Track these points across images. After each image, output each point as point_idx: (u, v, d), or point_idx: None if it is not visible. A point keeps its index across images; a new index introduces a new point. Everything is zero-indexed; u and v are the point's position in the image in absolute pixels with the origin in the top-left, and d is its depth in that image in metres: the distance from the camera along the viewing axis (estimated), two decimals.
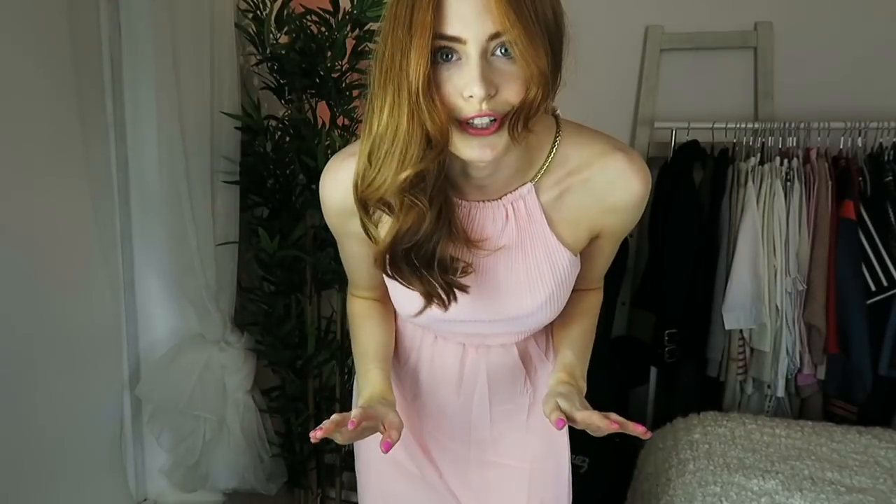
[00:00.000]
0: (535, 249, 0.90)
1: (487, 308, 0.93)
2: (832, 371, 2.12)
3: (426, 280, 0.84)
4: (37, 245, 1.45)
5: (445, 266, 0.84)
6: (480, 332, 0.99)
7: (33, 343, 1.45)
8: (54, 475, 1.52)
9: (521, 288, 0.91)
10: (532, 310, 0.92)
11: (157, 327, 1.79)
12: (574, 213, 0.89)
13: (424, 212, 0.79)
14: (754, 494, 1.54)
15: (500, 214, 0.88)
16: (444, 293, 0.86)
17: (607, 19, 2.51)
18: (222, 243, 1.73)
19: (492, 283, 0.91)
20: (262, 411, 1.87)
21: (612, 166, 0.87)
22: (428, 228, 0.80)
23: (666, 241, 2.24)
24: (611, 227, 0.93)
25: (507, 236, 0.89)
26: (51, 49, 1.46)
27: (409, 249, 0.82)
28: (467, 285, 0.87)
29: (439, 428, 1.09)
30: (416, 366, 1.08)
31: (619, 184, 0.87)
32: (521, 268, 0.90)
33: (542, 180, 0.88)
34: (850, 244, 2.06)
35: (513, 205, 0.88)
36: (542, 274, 0.90)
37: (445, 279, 0.84)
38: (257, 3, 1.81)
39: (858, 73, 2.35)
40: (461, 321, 0.95)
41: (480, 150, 0.75)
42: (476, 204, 0.88)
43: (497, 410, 1.08)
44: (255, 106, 1.80)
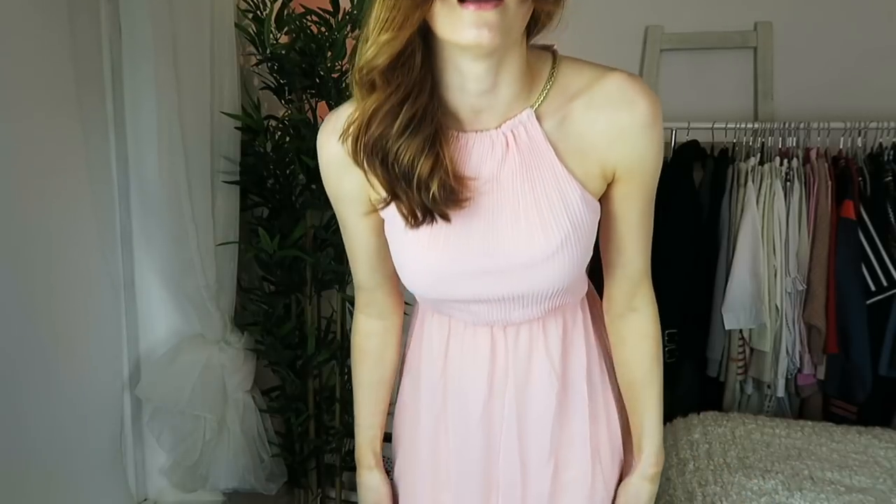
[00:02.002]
0: (544, 181, 0.81)
1: (495, 243, 0.83)
2: (832, 371, 2.12)
3: (402, 191, 0.79)
4: (37, 245, 1.45)
5: (423, 186, 0.77)
6: (496, 293, 0.87)
7: (33, 343, 1.45)
8: (54, 475, 1.52)
9: (531, 225, 0.82)
10: (547, 253, 0.82)
11: (157, 327, 1.79)
12: (580, 141, 0.82)
13: (399, 94, 0.74)
14: (754, 494, 1.54)
15: (499, 143, 0.81)
16: (420, 212, 0.80)
17: (607, 19, 2.51)
18: (222, 243, 1.73)
19: (498, 221, 0.83)
20: (262, 411, 1.87)
21: (613, 84, 0.82)
22: (401, 123, 0.75)
23: (666, 242, 2.24)
24: (625, 163, 0.84)
25: (510, 167, 0.81)
26: (51, 49, 1.46)
27: (381, 145, 0.77)
28: (447, 212, 0.80)
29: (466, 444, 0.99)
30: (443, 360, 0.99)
31: (622, 104, 0.81)
32: (529, 201, 0.82)
33: (542, 106, 0.81)
34: (850, 244, 2.06)
35: (513, 132, 0.81)
36: (554, 208, 0.81)
37: (423, 199, 0.78)
38: (257, 3, 1.81)
39: (858, 73, 2.35)
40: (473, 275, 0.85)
41: (477, 29, 0.67)
42: (473, 134, 0.82)
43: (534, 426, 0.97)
44: (255, 106, 1.80)
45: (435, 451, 1.02)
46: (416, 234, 0.84)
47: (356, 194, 0.88)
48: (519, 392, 0.95)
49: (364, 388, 1.07)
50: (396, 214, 0.84)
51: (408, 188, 0.78)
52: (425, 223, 0.81)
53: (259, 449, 1.85)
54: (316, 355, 1.93)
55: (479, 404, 0.96)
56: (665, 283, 2.21)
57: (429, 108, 0.76)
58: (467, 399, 0.97)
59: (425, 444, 1.03)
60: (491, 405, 0.96)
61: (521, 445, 0.97)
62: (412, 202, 0.79)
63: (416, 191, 0.78)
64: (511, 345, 0.94)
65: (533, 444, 0.97)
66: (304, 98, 1.89)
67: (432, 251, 0.85)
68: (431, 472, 1.03)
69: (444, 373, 0.98)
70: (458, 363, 0.97)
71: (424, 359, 1.01)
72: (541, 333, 0.94)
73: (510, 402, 0.95)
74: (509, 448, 0.97)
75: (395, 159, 0.76)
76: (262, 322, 1.91)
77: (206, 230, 1.68)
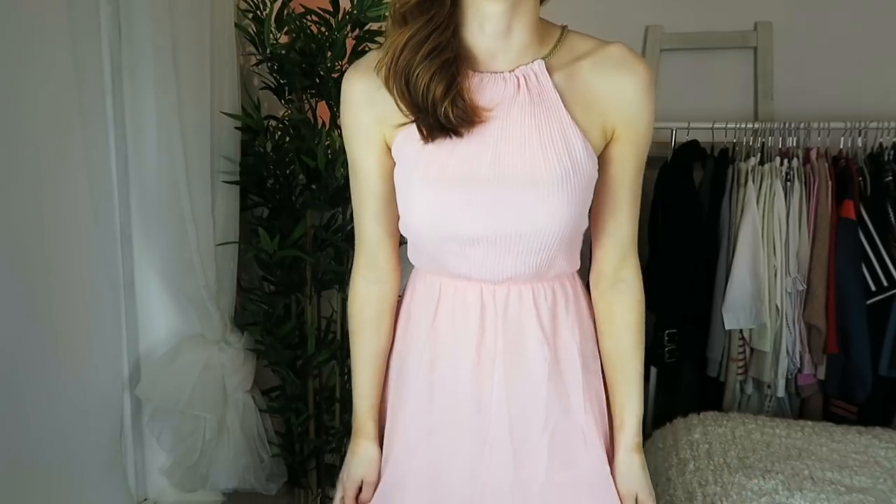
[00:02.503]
0: (549, 122, 0.90)
1: (500, 166, 0.90)
2: (832, 371, 2.13)
3: (422, 109, 0.88)
4: (36, 245, 1.45)
5: (438, 104, 0.87)
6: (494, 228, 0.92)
7: (33, 343, 1.45)
8: (54, 475, 1.52)
9: (535, 156, 0.90)
10: (546, 184, 0.89)
11: (157, 327, 1.79)
12: (585, 95, 0.92)
13: (428, 28, 0.86)
14: (754, 494, 1.54)
15: (511, 83, 0.91)
16: (435, 128, 0.89)
17: (607, 19, 2.51)
18: (222, 243, 1.73)
19: (503, 140, 0.91)
20: (262, 411, 1.87)
21: (618, 50, 0.93)
22: (432, 43, 0.86)
23: (666, 241, 2.24)
24: (623, 120, 0.93)
25: (519, 104, 0.91)
26: (51, 49, 1.46)
27: (407, 68, 0.87)
28: (458, 130, 0.89)
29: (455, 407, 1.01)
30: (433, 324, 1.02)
31: (625, 66, 0.92)
32: (534, 136, 0.90)
33: (552, 59, 0.93)
34: (850, 244, 2.06)
35: (524, 76, 0.91)
36: (556, 146, 0.90)
37: (437, 115, 0.88)
38: (257, 3, 1.81)
39: (858, 73, 2.36)
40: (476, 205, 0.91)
41: None
42: (489, 74, 0.92)
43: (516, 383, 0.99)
44: (255, 106, 1.80)
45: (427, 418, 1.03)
46: (427, 167, 0.91)
47: (369, 131, 0.96)
48: (509, 357, 0.97)
49: (363, 358, 1.09)
50: (408, 153, 0.93)
51: (425, 106, 0.88)
52: (438, 139, 0.90)
53: (259, 449, 1.85)
54: (316, 355, 1.93)
55: (468, 370, 0.98)
56: (665, 283, 2.23)
57: (451, 42, 0.88)
58: (456, 363, 0.99)
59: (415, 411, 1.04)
60: (480, 370, 0.98)
61: (511, 411, 0.98)
62: (428, 119, 0.89)
63: (432, 107, 0.87)
64: (501, 308, 0.97)
65: (525, 411, 0.98)
66: (304, 98, 1.89)
67: (440, 181, 0.91)
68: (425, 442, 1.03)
69: (432, 338, 1.01)
70: (448, 326, 1.00)
71: (412, 328, 1.04)
72: (530, 300, 0.97)
73: (500, 368, 0.98)
74: (499, 414, 0.98)
75: (416, 81, 0.87)
76: (262, 322, 1.91)
77: (206, 230, 1.68)
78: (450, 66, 0.88)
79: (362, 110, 0.96)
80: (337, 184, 1.78)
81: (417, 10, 0.86)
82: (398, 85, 0.89)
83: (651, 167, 2.48)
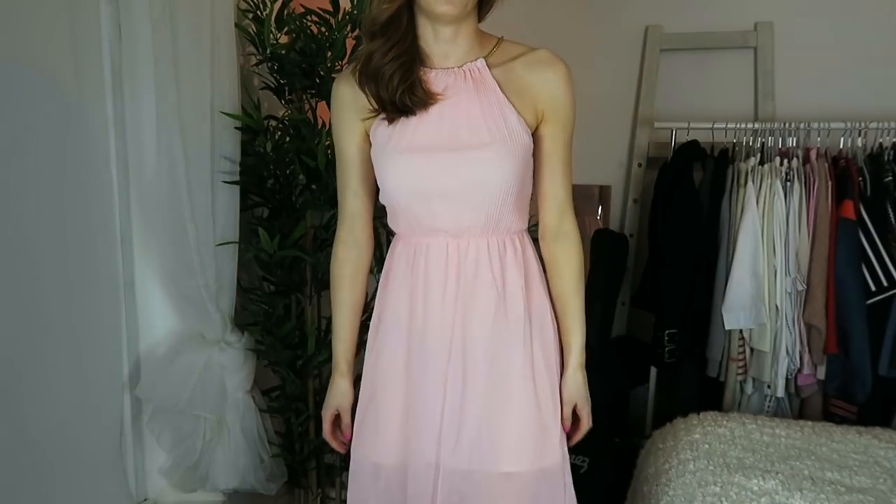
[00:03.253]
0: (489, 102, 1.18)
1: (451, 135, 1.17)
2: (832, 371, 2.12)
3: (385, 89, 1.16)
4: (36, 245, 1.45)
5: (398, 92, 1.15)
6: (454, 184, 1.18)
7: (33, 343, 1.45)
8: (54, 475, 1.52)
9: (478, 125, 1.17)
10: (488, 144, 1.16)
11: (157, 327, 1.79)
12: (519, 84, 1.19)
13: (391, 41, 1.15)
14: (754, 494, 1.54)
15: (458, 75, 1.19)
16: (393, 105, 1.17)
17: (607, 19, 2.51)
18: (222, 243, 1.73)
19: (454, 116, 1.18)
20: (262, 411, 1.87)
21: (544, 53, 1.22)
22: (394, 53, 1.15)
23: (666, 241, 2.24)
24: (550, 105, 1.20)
25: (465, 90, 1.18)
26: (51, 49, 1.46)
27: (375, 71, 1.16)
28: (413, 110, 1.17)
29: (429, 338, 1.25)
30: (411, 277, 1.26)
31: (549, 65, 1.20)
32: (477, 112, 1.17)
33: (490, 59, 1.21)
34: (850, 244, 2.06)
35: (469, 70, 1.19)
36: (495, 118, 1.17)
37: (394, 95, 1.15)
38: (257, 3, 1.81)
39: (858, 73, 2.36)
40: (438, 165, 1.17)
41: (447, 4, 1.10)
42: (441, 70, 1.20)
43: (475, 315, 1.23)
44: (255, 106, 1.80)
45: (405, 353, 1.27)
46: (398, 141, 1.19)
47: (353, 122, 1.24)
48: (465, 295, 1.22)
49: (341, 308, 1.36)
50: (381, 135, 1.20)
51: (388, 95, 1.16)
52: (401, 118, 1.18)
53: (259, 449, 1.85)
54: (316, 355, 1.93)
55: (436, 308, 1.23)
56: (665, 283, 2.23)
57: (409, 49, 1.17)
58: (427, 302, 1.23)
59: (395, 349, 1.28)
60: (444, 307, 1.23)
61: (465, 342, 1.23)
62: (393, 104, 1.17)
63: (391, 95, 1.16)
64: (462, 257, 1.22)
65: (474, 339, 1.22)
66: (304, 98, 1.89)
67: (410, 150, 1.18)
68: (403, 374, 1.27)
69: (407, 285, 1.25)
70: (421, 273, 1.24)
71: (391, 280, 1.28)
72: (485, 250, 1.22)
73: (459, 305, 1.23)
74: (455, 340, 1.23)
75: (381, 78, 1.16)
76: (262, 322, 1.91)
77: (206, 230, 1.68)
78: (407, 66, 1.16)
79: (347, 107, 1.24)
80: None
81: (382, 29, 1.15)
82: (367, 83, 1.18)
83: (651, 167, 2.49)
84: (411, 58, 1.17)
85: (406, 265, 1.25)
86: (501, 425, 1.21)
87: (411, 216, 1.23)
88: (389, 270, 1.29)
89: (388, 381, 1.28)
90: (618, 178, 2.62)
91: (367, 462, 1.29)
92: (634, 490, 1.90)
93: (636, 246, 2.54)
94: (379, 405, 1.28)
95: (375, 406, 1.29)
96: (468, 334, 1.22)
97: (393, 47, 1.15)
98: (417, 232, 1.24)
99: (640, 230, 2.53)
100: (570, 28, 2.50)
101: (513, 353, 1.22)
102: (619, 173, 2.62)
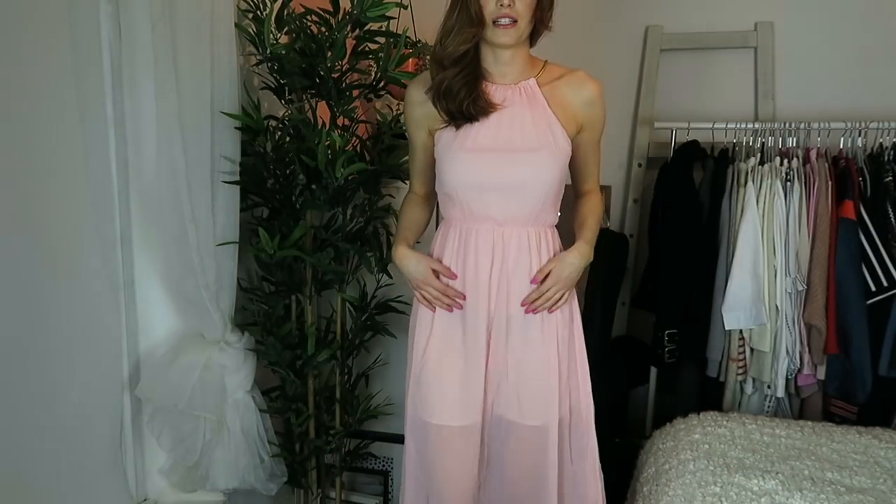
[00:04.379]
0: (538, 114, 1.44)
1: (507, 139, 1.42)
2: (832, 371, 2.12)
3: (453, 103, 1.42)
4: (37, 245, 1.45)
5: (464, 103, 1.41)
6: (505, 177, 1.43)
7: (33, 343, 1.45)
8: (54, 475, 1.52)
9: (528, 132, 1.43)
10: (535, 147, 1.42)
11: (157, 327, 1.79)
12: (562, 100, 1.46)
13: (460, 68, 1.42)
14: (754, 494, 1.55)
15: (514, 90, 1.46)
16: (460, 114, 1.42)
17: (607, 19, 2.51)
18: (222, 243, 1.73)
19: (510, 124, 1.43)
20: (262, 411, 1.87)
21: (581, 74, 1.49)
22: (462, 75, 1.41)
23: (666, 242, 2.24)
24: (587, 117, 1.48)
25: (519, 102, 1.45)
26: (51, 49, 1.46)
27: (448, 89, 1.42)
28: (477, 117, 1.42)
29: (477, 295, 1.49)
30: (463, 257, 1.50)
31: (586, 84, 1.48)
32: (528, 120, 1.44)
33: (539, 78, 1.47)
34: (850, 244, 2.06)
35: (522, 88, 1.46)
36: (541, 128, 1.43)
37: (462, 107, 1.41)
38: (257, 3, 1.81)
39: (858, 73, 2.36)
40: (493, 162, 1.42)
41: (505, 35, 1.38)
42: (501, 86, 1.46)
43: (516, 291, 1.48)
44: (255, 106, 1.80)
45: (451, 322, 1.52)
46: (462, 141, 1.44)
47: (420, 121, 1.53)
48: (506, 274, 1.47)
49: (407, 218, 1.61)
50: (447, 136, 1.46)
51: (456, 106, 1.42)
52: (465, 124, 1.44)
53: (259, 449, 1.85)
54: (316, 355, 1.93)
55: (484, 283, 1.47)
56: (665, 283, 2.23)
57: (475, 69, 1.44)
58: (478, 278, 1.47)
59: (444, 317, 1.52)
60: (490, 284, 1.47)
61: (508, 316, 1.49)
62: (460, 113, 1.43)
63: (461, 106, 1.42)
64: (507, 242, 1.47)
65: (513, 314, 1.48)
66: (304, 98, 1.89)
67: (472, 149, 1.44)
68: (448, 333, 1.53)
69: (463, 261, 1.49)
70: (473, 253, 1.48)
71: (444, 259, 1.51)
72: (525, 238, 1.47)
73: (504, 282, 1.47)
74: (500, 316, 1.49)
75: (451, 92, 1.42)
76: (262, 322, 1.92)
77: (206, 230, 1.68)
78: (472, 82, 1.42)
79: (418, 108, 1.51)
80: (337, 184, 1.78)
81: (455, 62, 1.41)
82: (439, 101, 1.44)
83: (651, 167, 2.49)
84: (476, 76, 1.43)
85: (459, 245, 1.49)
86: (527, 386, 1.48)
87: (465, 205, 1.46)
88: (444, 249, 1.52)
89: (443, 349, 1.51)
90: (618, 178, 2.62)
91: (426, 423, 1.52)
92: (634, 490, 1.90)
93: (636, 246, 2.54)
94: (434, 370, 1.51)
95: (432, 371, 1.51)
96: (509, 309, 1.47)
97: (461, 71, 1.41)
98: (468, 218, 1.48)
99: (640, 230, 2.53)
100: (570, 28, 2.49)
101: (542, 328, 1.48)
102: (619, 173, 2.62)
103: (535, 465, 1.51)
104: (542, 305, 1.46)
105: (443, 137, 1.47)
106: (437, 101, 1.44)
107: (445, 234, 1.53)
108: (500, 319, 1.48)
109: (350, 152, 1.82)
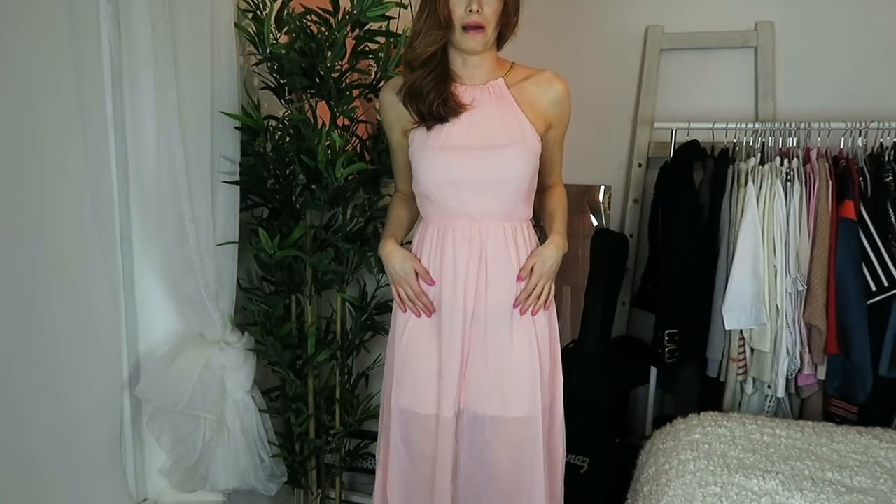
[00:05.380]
0: (507, 112, 1.49)
1: (477, 137, 1.46)
2: (832, 371, 2.12)
3: (423, 103, 1.46)
4: (37, 245, 1.45)
5: (434, 103, 1.45)
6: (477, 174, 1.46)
7: (33, 343, 1.45)
8: (54, 475, 1.52)
9: (498, 130, 1.48)
10: (505, 145, 1.46)
11: (157, 327, 1.79)
12: (530, 99, 1.51)
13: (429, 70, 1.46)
14: (754, 494, 1.54)
15: (483, 90, 1.51)
16: (430, 115, 1.46)
17: (607, 19, 2.51)
18: (222, 243, 1.73)
19: (480, 122, 1.48)
20: (261, 411, 1.87)
21: (547, 74, 1.54)
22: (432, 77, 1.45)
23: (666, 242, 2.24)
24: (554, 115, 1.54)
25: (488, 102, 1.49)
26: (51, 49, 1.46)
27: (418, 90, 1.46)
28: (447, 118, 1.46)
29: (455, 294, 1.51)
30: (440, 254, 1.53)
31: (553, 84, 1.53)
32: (498, 118, 1.48)
33: (507, 79, 1.52)
34: (851, 244, 2.06)
35: (490, 88, 1.51)
36: (511, 126, 1.48)
37: (431, 108, 1.46)
38: (257, 3, 1.81)
39: (858, 73, 2.35)
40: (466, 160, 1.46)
41: (473, 41, 1.43)
42: (469, 86, 1.51)
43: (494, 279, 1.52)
44: (255, 106, 1.80)
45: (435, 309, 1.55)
46: (434, 140, 1.47)
47: (396, 123, 1.56)
48: (483, 268, 1.50)
49: (395, 215, 1.64)
50: (420, 136, 1.49)
51: (426, 107, 1.46)
52: (437, 124, 1.47)
53: (259, 449, 1.85)
54: (316, 355, 1.93)
55: (461, 278, 1.50)
56: (665, 283, 2.22)
57: (443, 71, 1.48)
58: (455, 273, 1.50)
59: None
60: (468, 278, 1.50)
61: (487, 309, 1.51)
62: (430, 114, 1.46)
63: (431, 107, 1.46)
64: (483, 238, 1.50)
65: (491, 308, 1.51)
66: (304, 98, 1.89)
67: (444, 148, 1.47)
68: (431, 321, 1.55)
69: (440, 259, 1.52)
70: (451, 250, 1.51)
71: (423, 256, 1.54)
72: (501, 233, 1.51)
73: (481, 277, 1.50)
74: (479, 308, 1.52)
75: (421, 93, 1.46)
76: (262, 322, 1.91)
77: (206, 230, 1.68)
78: (441, 83, 1.47)
79: (391, 110, 1.55)
80: (337, 184, 1.78)
81: (423, 63, 1.45)
82: (409, 102, 1.49)
83: (651, 167, 2.48)
84: (444, 77, 1.47)
85: (436, 242, 1.52)
86: (510, 378, 1.51)
87: (441, 202, 1.49)
88: (422, 246, 1.55)
89: (421, 342, 1.54)
90: (618, 178, 2.61)
91: (405, 411, 1.55)
92: (634, 490, 1.90)
93: (636, 246, 2.53)
94: (413, 362, 1.54)
95: (411, 362, 1.54)
96: (489, 302, 1.50)
97: (431, 73, 1.45)
98: (445, 215, 1.51)
99: (640, 230, 2.52)
100: (570, 28, 2.50)
101: (522, 321, 1.51)
102: (619, 173, 2.61)
103: (522, 459, 1.53)
104: (533, 302, 1.50)
105: (416, 138, 1.50)
106: (408, 102, 1.47)
107: (424, 231, 1.56)
108: (480, 314, 1.51)
109: (350, 152, 1.82)
